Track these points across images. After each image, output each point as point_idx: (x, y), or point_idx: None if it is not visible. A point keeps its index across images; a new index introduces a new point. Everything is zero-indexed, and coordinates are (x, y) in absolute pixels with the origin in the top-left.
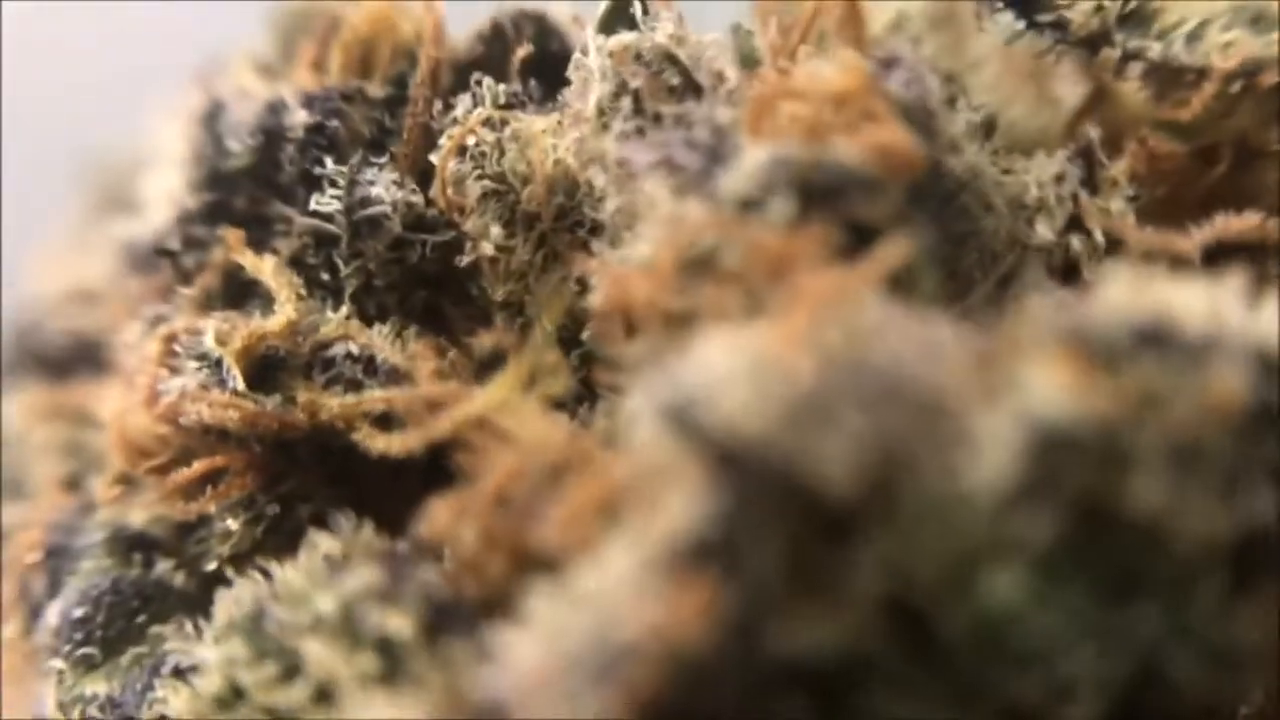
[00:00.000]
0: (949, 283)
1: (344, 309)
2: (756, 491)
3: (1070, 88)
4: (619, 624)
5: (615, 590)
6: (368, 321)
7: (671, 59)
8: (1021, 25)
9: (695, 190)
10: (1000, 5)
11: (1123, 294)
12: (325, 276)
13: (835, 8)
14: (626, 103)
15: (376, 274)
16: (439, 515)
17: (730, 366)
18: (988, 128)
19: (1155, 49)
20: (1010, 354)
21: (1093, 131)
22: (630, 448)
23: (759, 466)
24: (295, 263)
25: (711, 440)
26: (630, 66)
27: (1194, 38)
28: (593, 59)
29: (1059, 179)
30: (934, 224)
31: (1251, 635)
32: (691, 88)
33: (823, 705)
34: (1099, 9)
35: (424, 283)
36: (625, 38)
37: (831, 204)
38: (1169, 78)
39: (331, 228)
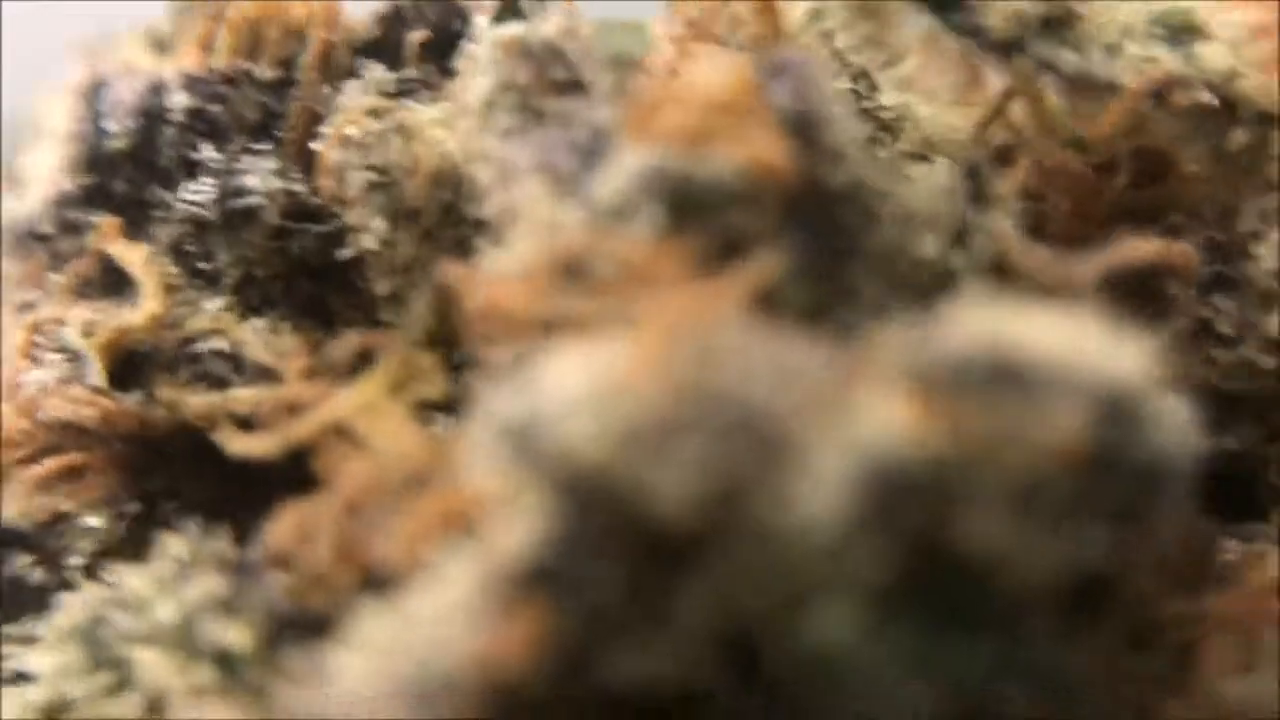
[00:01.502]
0: (833, 296)
1: (220, 300)
2: (593, 519)
3: (991, 87)
4: (445, 650)
5: (447, 614)
6: (251, 313)
7: (559, 54)
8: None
9: (572, 194)
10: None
11: (978, 326)
12: (205, 266)
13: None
14: (510, 98)
15: (258, 264)
16: (284, 526)
17: (577, 389)
18: (895, 128)
19: (1070, 60)
20: (855, 385)
21: (981, 147)
22: (472, 467)
23: (596, 493)
24: (176, 250)
25: (549, 465)
26: (515, 60)
27: (1112, 50)
28: (481, 50)
29: (946, 193)
30: (812, 238)
31: (1086, 673)
32: (578, 84)
33: None
34: (1018, 15)
35: (309, 274)
36: (513, 29)
37: (702, 216)
38: (1083, 90)
39: (209, 216)
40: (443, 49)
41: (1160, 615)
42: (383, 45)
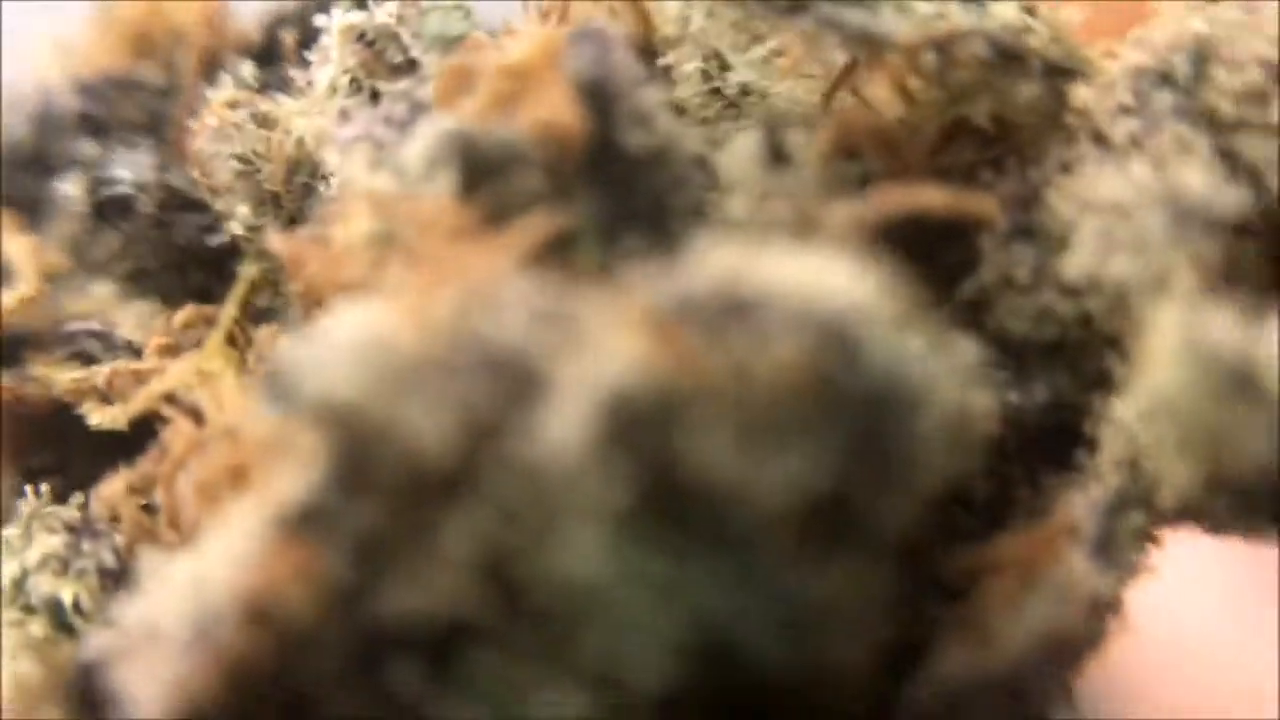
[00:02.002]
0: (629, 254)
1: (109, 288)
2: (355, 459)
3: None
4: (219, 589)
5: (225, 557)
6: (137, 299)
7: (394, 37)
8: None
9: (387, 165)
10: None
11: (715, 263)
12: (97, 256)
13: None
14: (348, 82)
15: (146, 255)
16: (113, 485)
17: (342, 337)
18: (740, 104)
19: (852, 19)
20: (603, 322)
21: (785, 107)
22: (254, 417)
23: (356, 434)
24: (71, 244)
25: (311, 409)
26: (352, 46)
27: (902, 10)
28: (327, 39)
29: (751, 157)
30: (608, 198)
31: (831, 604)
32: (412, 65)
33: (432, 670)
34: None
35: (197, 263)
36: (352, 17)
37: (493, 178)
38: (875, 50)
39: (80, 207)
40: None
41: (943, 555)
42: (268, 48)
